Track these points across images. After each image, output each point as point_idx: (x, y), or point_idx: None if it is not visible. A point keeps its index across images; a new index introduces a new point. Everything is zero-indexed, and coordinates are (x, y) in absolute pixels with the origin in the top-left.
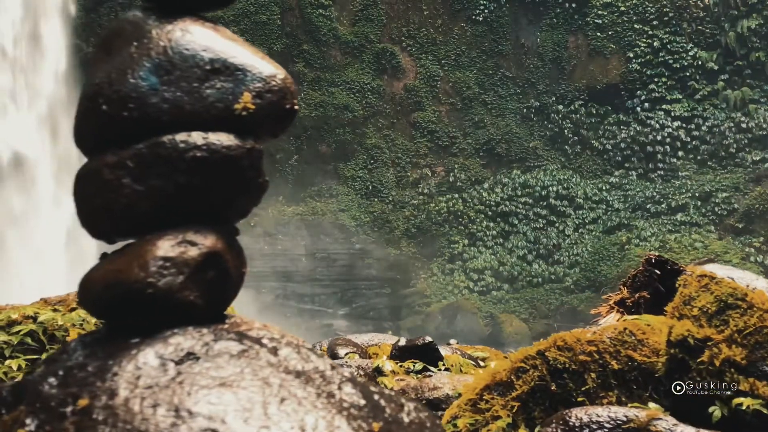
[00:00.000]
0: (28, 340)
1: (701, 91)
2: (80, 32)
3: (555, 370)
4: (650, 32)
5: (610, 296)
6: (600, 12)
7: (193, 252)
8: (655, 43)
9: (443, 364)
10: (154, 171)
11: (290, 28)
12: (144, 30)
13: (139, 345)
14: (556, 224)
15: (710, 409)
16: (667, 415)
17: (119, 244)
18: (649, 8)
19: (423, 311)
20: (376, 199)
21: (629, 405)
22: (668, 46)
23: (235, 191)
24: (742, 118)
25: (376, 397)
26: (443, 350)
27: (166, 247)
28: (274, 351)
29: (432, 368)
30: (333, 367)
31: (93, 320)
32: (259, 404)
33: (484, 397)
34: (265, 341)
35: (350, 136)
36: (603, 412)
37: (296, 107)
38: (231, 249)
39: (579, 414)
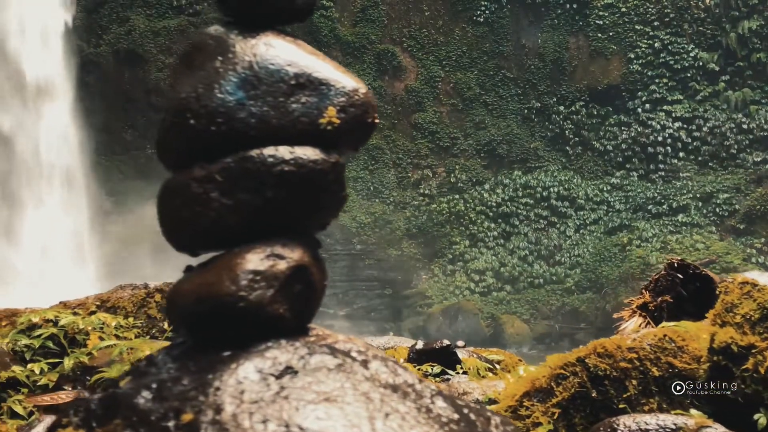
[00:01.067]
0: (50, 343)
1: (702, 92)
2: (81, 33)
3: (596, 377)
4: (651, 33)
5: (632, 300)
6: (601, 13)
7: (281, 265)
8: (656, 44)
9: (461, 368)
10: (242, 185)
11: (291, 29)
12: (227, 45)
13: (235, 359)
14: (557, 225)
15: (755, 417)
16: (715, 423)
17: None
18: (650, 9)
19: (424, 312)
20: (377, 200)
21: (672, 412)
22: (669, 47)
23: (319, 204)
24: (743, 119)
25: (465, 410)
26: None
27: (255, 260)
28: (365, 364)
29: (450, 371)
30: (420, 380)
31: (112, 324)
32: (365, 420)
33: (524, 404)
34: (354, 354)
35: None
36: (651, 420)
37: (377, 121)
38: (315, 261)
39: (626, 421)
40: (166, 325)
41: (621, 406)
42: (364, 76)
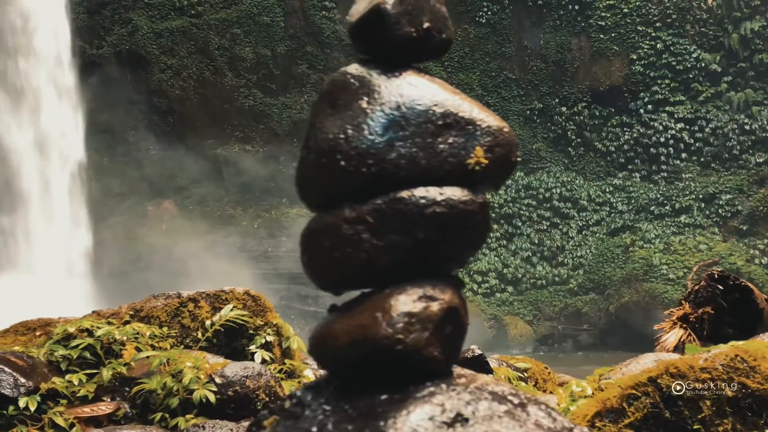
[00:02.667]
0: (86, 354)
1: (704, 93)
2: (83, 34)
3: (669, 398)
4: (653, 34)
5: (672, 311)
6: (603, 14)
7: (434, 307)
8: (658, 45)
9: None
10: (393, 226)
11: (294, 30)
12: (371, 85)
13: (402, 404)
14: (560, 226)
15: None
16: None
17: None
18: (652, 10)
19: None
20: None
21: None
22: (671, 48)
23: (466, 245)
24: (746, 120)
25: None
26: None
27: (408, 302)
28: (523, 408)
29: None
30: (575, 425)
31: (147, 334)
32: None
33: (596, 425)
34: (510, 398)
35: None
36: None
37: (519, 159)
38: (461, 301)
39: None
40: (199, 335)
41: (696, 427)
42: None
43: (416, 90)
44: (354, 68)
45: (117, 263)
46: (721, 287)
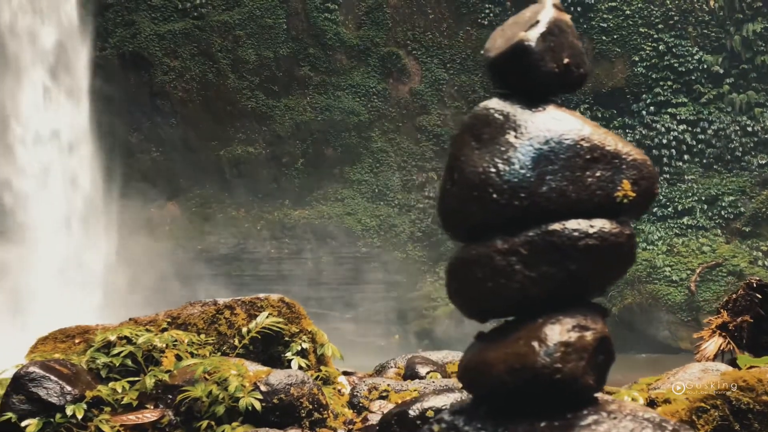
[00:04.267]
0: (128, 361)
1: (707, 94)
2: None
3: (738, 411)
4: (655, 36)
5: (711, 320)
6: (605, 16)
7: (588, 337)
8: (660, 47)
9: None
10: (545, 258)
11: (296, 32)
12: (517, 119)
13: (567, 431)
14: None
15: None
16: None
17: None
18: (655, 12)
19: (430, 315)
20: (381, 203)
21: None
22: (673, 50)
23: (613, 275)
24: (748, 122)
25: None
26: None
27: (563, 332)
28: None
29: None
30: None
31: (185, 341)
32: None
33: None
34: (665, 425)
35: (356, 140)
36: None
37: (658, 190)
38: (608, 329)
39: None
40: (236, 342)
41: None
42: (368, 78)
43: (562, 124)
44: (496, 103)
45: (119, 264)
46: (759, 296)
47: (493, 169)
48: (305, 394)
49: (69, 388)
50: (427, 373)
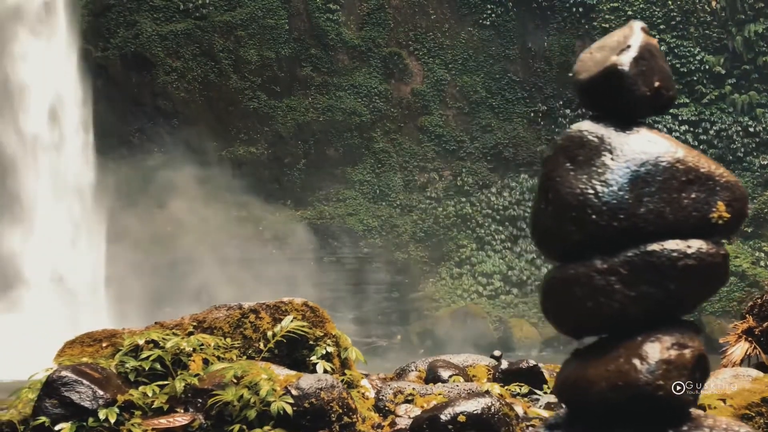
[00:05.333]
0: (157, 365)
1: (708, 95)
2: (89, 36)
3: None
4: (657, 36)
5: (736, 325)
6: (607, 16)
7: (687, 354)
8: (662, 48)
9: (547, 387)
10: (645, 278)
11: (298, 33)
12: (611, 141)
13: None
14: None
15: None
16: None
17: None
18: (656, 13)
19: (432, 315)
20: (383, 203)
21: None
22: (675, 51)
23: (707, 293)
24: (750, 122)
25: None
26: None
27: (663, 350)
28: None
29: (537, 391)
30: None
31: (212, 345)
32: None
33: None
34: None
35: (358, 140)
36: None
37: (748, 212)
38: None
39: None
40: (261, 345)
41: None
42: (370, 79)
43: (657, 146)
44: (589, 125)
45: (122, 266)
46: None
47: (591, 191)
48: (335, 398)
49: (101, 392)
50: (450, 376)
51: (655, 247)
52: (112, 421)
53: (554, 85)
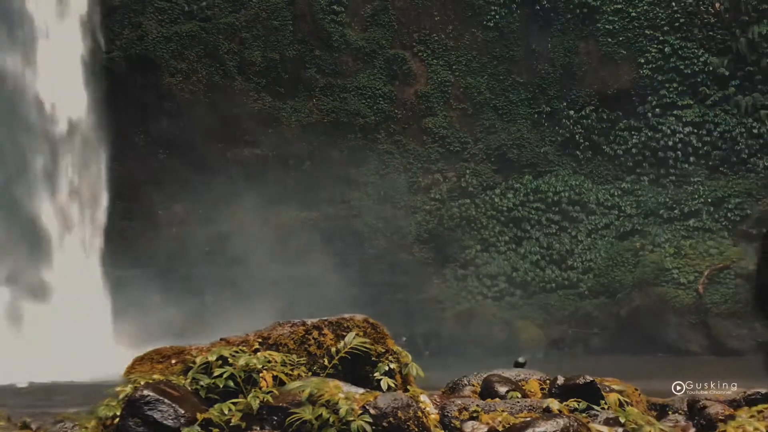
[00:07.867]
0: (230, 383)
1: (712, 96)
2: (95, 38)
3: None
4: (661, 38)
5: None
6: (611, 18)
7: None
8: (665, 49)
9: (605, 403)
10: None
11: (302, 34)
12: None
13: None
14: (569, 230)
15: None
16: None
17: None
18: (660, 14)
19: (437, 317)
20: (388, 205)
21: None
22: (679, 52)
23: None
24: (754, 124)
25: None
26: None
27: None
28: None
29: (595, 407)
30: None
31: (279, 361)
32: None
33: None
34: None
35: (362, 142)
36: None
37: None
38: None
39: None
40: (326, 362)
41: None
42: (374, 80)
43: None
44: None
45: (125, 267)
46: None
47: None
48: (411, 417)
49: (182, 411)
50: (507, 392)
51: None
52: None
53: (558, 86)
